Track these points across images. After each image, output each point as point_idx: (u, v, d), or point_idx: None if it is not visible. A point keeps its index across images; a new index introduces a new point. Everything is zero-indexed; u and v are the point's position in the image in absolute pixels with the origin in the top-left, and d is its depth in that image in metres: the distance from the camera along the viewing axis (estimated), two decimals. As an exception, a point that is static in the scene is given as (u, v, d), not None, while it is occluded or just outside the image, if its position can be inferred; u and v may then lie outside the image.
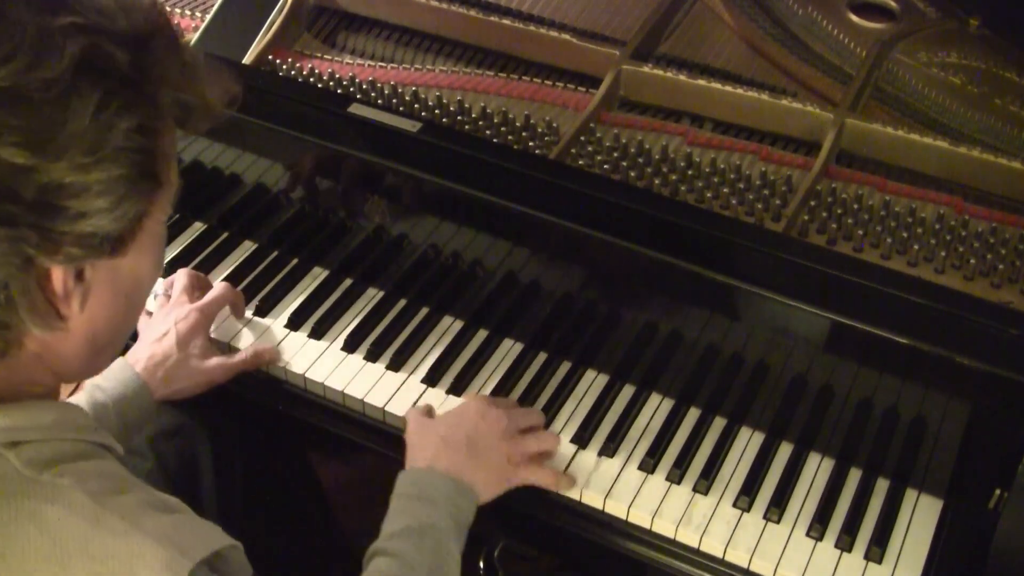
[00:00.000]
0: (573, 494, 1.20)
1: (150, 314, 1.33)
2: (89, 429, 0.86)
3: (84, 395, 1.19)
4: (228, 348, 1.34)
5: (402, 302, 1.40)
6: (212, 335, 1.33)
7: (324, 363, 1.32)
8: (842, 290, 1.12)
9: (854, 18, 1.49)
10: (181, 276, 1.37)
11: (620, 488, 1.20)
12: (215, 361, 1.27)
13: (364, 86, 1.44)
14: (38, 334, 0.77)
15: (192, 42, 1.49)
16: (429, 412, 1.24)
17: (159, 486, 0.88)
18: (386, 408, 1.27)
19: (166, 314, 1.30)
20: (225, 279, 1.42)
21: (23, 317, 0.76)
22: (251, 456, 1.39)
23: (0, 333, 0.77)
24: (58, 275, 0.76)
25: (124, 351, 1.27)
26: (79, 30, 0.72)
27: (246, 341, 1.35)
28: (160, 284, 1.37)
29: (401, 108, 1.40)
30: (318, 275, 1.44)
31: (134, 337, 1.29)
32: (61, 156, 0.71)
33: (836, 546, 1.15)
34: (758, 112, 1.37)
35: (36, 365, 0.82)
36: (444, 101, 1.40)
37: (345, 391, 1.29)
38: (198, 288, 1.36)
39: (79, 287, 0.78)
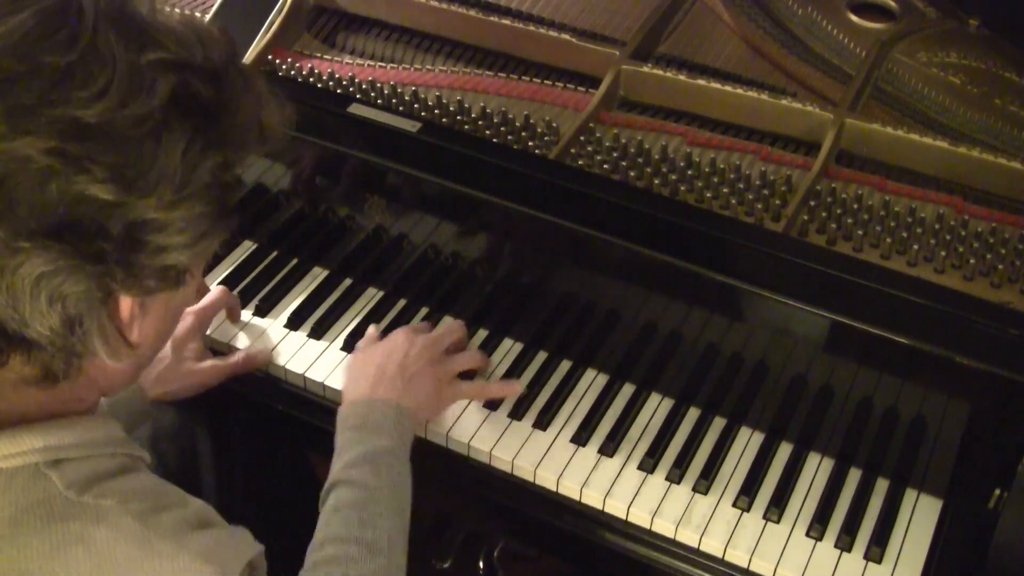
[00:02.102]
0: (571, 491, 1.20)
1: None
2: (124, 442, 0.88)
3: None
4: (228, 348, 1.34)
5: (402, 302, 1.40)
6: (212, 335, 1.33)
7: (324, 363, 1.32)
8: (842, 290, 1.12)
9: (854, 18, 1.49)
10: None
11: (620, 488, 1.20)
12: (208, 364, 1.28)
13: (364, 86, 1.44)
14: (105, 361, 0.78)
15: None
16: (374, 340, 1.29)
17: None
18: (386, 408, 1.27)
19: None
20: (224, 279, 1.42)
21: (96, 347, 0.76)
22: (251, 456, 1.39)
23: (70, 360, 0.77)
24: (126, 304, 0.77)
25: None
26: (168, 67, 0.72)
27: (245, 341, 1.35)
28: None
29: (401, 108, 1.40)
30: (318, 275, 1.44)
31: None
32: (150, 193, 0.71)
33: (836, 546, 1.15)
34: (758, 112, 1.37)
35: (87, 385, 0.84)
36: (444, 101, 1.40)
37: (345, 391, 1.29)
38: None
39: (141, 312, 0.79)
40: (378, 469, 1.09)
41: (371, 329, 1.33)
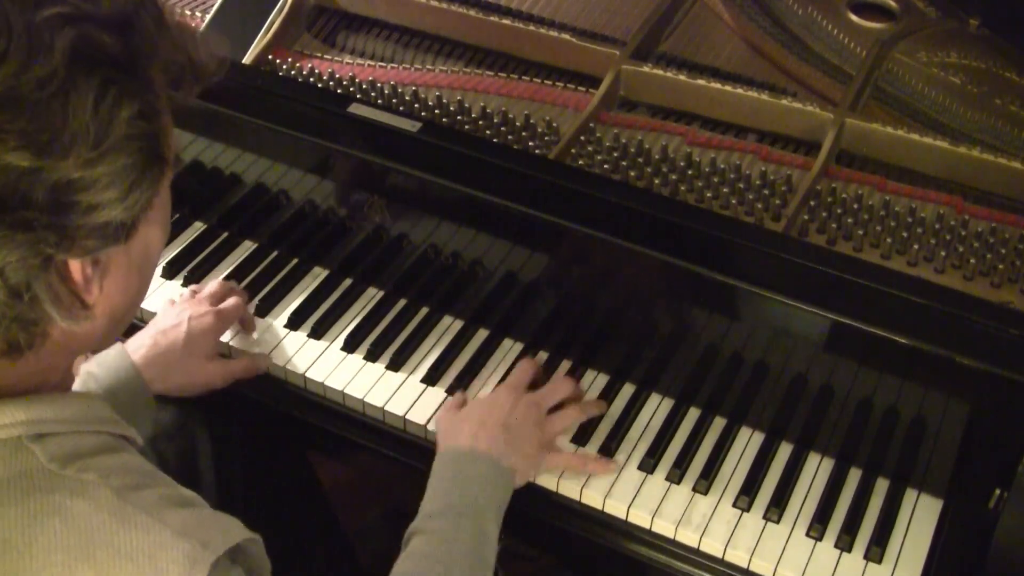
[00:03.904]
0: (571, 491, 1.20)
1: (173, 303, 1.35)
2: (111, 421, 0.87)
3: (79, 382, 1.18)
4: (227, 349, 1.34)
5: (402, 302, 1.40)
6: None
7: (324, 363, 1.32)
8: (842, 290, 1.12)
9: (854, 18, 1.49)
10: (213, 284, 1.37)
11: (620, 488, 1.20)
12: (217, 365, 1.28)
13: (364, 86, 1.44)
14: (65, 326, 0.78)
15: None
16: (463, 401, 1.25)
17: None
18: (386, 408, 1.27)
19: (182, 309, 1.30)
20: (225, 279, 1.42)
21: (49, 312, 0.76)
22: (251, 456, 1.39)
23: (28, 329, 0.77)
24: (76, 266, 0.76)
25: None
26: (65, 20, 0.70)
27: (245, 341, 1.35)
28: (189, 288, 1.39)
29: (401, 108, 1.40)
30: (318, 275, 1.44)
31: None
32: (67, 154, 0.70)
33: (836, 546, 1.15)
34: (758, 112, 1.37)
35: (56, 352, 0.82)
36: (444, 101, 1.40)
37: (345, 391, 1.29)
38: (224, 299, 1.35)
39: (96, 271, 0.78)
40: (461, 524, 1.05)
41: (459, 394, 1.27)
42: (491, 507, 1.08)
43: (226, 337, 1.34)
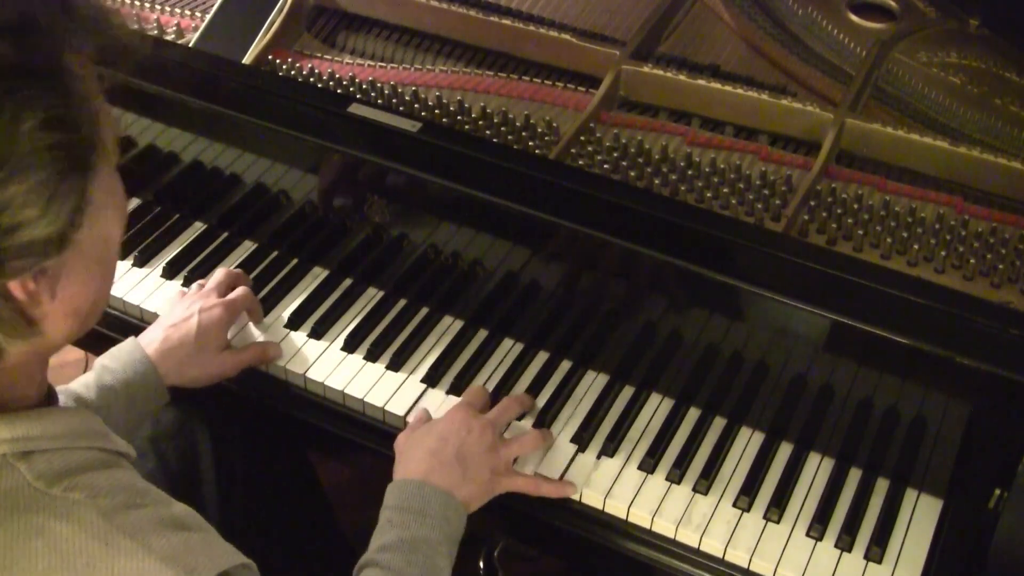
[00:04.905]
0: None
1: (183, 294, 1.35)
2: (102, 436, 0.85)
3: (93, 376, 1.18)
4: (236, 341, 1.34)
5: (402, 302, 1.40)
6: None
7: (324, 363, 1.32)
8: (842, 290, 1.12)
9: (854, 18, 1.49)
10: (219, 273, 1.36)
11: (620, 488, 1.20)
12: (228, 355, 1.28)
13: (364, 86, 1.44)
14: (18, 345, 0.75)
15: (192, 42, 1.49)
16: (425, 419, 1.23)
17: (160, 486, 0.87)
18: (386, 408, 1.27)
19: (192, 301, 1.30)
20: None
21: None
22: (251, 456, 1.39)
23: None
24: (16, 286, 0.73)
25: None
26: None
27: (245, 341, 1.34)
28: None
29: (401, 108, 1.40)
30: (318, 275, 1.44)
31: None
32: None
33: (836, 546, 1.15)
34: (758, 112, 1.37)
35: (26, 361, 0.80)
36: (444, 101, 1.40)
37: (345, 391, 1.29)
38: (232, 287, 1.35)
39: (43, 281, 0.74)
40: (413, 558, 1.03)
41: (420, 412, 1.25)
42: (443, 541, 1.07)
43: (231, 332, 1.34)
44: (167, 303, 1.35)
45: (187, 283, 1.43)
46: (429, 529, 1.06)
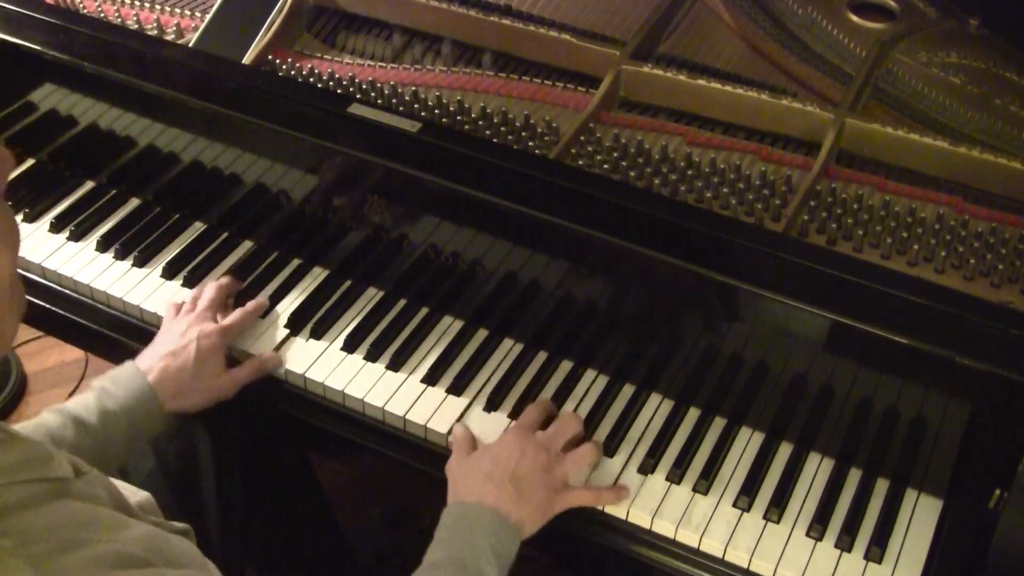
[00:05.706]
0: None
1: (177, 310, 1.34)
2: (44, 463, 0.79)
3: (93, 399, 1.18)
4: (229, 349, 1.34)
5: (402, 302, 1.40)
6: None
7: (324, 363, 1.32)
8: (842, 290, 1.12)
9: (854, 18, 1.49)
10: (210, 290, 1.36)
11: (620, 488, 1.20)
12: (225, 377, 1.28)
13: (364, 86, 1.44)
14: None
15: (192, 42, 1.49)
16: (472, 442, 1.22)
17: (159, 486, 0.86)
18: (386, 408, 1.27)
19: (188, 326, 1.30)
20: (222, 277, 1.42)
21: None
22: (251, 456, 1.39)
23: None
24: None
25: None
26: None
27: (245, 341, 1.35)
28: (189, 294, 1.38)
29: (401, 108, 1.40)
30: (318, 275, 1.44)
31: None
32: None
33: (836, 546, 1.15)
34: (758, 112, 1.37)
35: None
36: (444, 101, 1.40)
37: (345, 391, 1.29)
38: (224, 303, 1.35)
39: None
40: None
41: (459, 430, 1.24)
42: (493, 561, 1.06)
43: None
44: (162, 325, 1.34)
45: (187, 283, 1.43)
46: (479, 550, 1.06)
